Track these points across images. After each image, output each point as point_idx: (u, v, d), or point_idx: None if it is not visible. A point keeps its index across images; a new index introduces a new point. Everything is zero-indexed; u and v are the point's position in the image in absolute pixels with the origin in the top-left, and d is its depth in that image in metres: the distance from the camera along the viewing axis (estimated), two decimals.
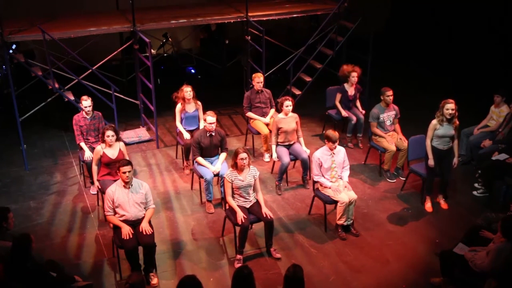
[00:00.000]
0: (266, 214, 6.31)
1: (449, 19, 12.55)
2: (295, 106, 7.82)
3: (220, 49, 12.25)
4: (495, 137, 7.92)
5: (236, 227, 6.35)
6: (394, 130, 8.14)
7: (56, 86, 8.34)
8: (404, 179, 7.91)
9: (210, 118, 7.09)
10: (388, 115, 8.02)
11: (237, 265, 6.17)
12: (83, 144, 7.54)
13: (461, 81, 11.24)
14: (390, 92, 7.93)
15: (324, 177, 6.79)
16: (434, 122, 7.06)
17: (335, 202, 6.72)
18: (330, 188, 6.74)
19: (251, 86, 8.83)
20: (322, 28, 9.91)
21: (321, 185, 6.86)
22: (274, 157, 7.76)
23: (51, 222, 7.10)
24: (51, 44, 8.14)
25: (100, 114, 7.76)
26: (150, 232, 5.95)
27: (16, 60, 8.81)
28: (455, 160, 7.21)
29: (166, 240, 6.73)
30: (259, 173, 6.52)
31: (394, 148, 7.88)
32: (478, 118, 8.41)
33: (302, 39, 10.12)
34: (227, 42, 12.19)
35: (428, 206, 7.35)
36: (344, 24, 9.94)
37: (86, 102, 7.48)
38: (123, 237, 5.83)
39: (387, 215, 7.23)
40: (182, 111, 8.04)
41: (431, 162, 7.12)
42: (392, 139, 7.97)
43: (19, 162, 8.52)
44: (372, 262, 6.36)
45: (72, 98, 8.45)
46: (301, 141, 7.82)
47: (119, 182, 6.02)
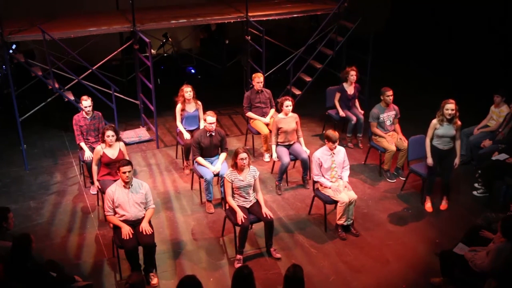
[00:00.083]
0: (266, 214, 6.31)
1: (449, 19, 12.55)
2: (295, 106, 7.82)
3: (220, 49, 12.25)
4: (495, 137, 7.92)
5: (236, 227, 6.34)
6: (394, 130, 8.14)
7: (56, 86, 8.34)
8: (404, 179, 7.91)
9: (210, 118, 7.08)
10: (388, 115, 8.02)
11: (237, 265, 6.16)
12: (83, 144, 7.54)
13: (461, 81, 11.23)
14: (390, 92, 7.93)
15: (324, 177, 6.79)
16: (435, 122, 7.07)
17: (335, 202, 6.71)
18: (330, 188, 6.73)
19: (251, 86, 8.82)
20: (322, 28, 9.90)
21: (321, 185, 6.86)
22: (274, 157, 7.76)
23: (51, 222, 7.10)
24: (51, 44, 8.13)
25: (100, 114, 7.76)
26: (150, 232, 5.95)
27: (16, 60, 8.81)
28: (456, 161, 7.20)
29: (166, 240, 6.73)
30: (259, 173, 6.52)
31: (394, 148, 7.88)
32: (478, 118, 8.41)
33: (302, 39, 10.11)
34: (227, 42, 12.20)
35: (428, 206, 7.35)
36: (344, 24, 9.94)
37: (86, 102, 7.48)
38: (123, 237, 5.83)
39: (387, 215, 7.23)
40: (182, 111, 8.05)
41: (429, 161, 7.13)
42: (392, 139, 7.97)
43: (19, 162, 8.52)
44: (372, 262, 6.35)
45: (72, 98, 8.45)
46: (301, 141, 7.82)
47: (119, 182, 6.02)
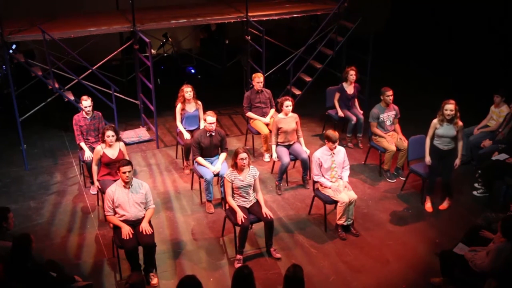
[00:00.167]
0: (266, 214, 6.31)
1: (449, 19, 12.55)
2: (295, 106, 7.82)
3: (220, 49, 12.25)
4: (495, 137, 7.92)
5: (236, 227, 6.34)
6: (394, 130, 8.14)
7: (56, 86, 8.34)
8: (404, 179, 7.91)
9: (210, 118, 7.08)
10: (388, 115, 8.02)
11: (237, 265, 6.16)
12: (83, 144, 7.53)
13: (461, 81, 11.24)
14: (390, 92, 7.93)
15: (324, 177, 6.79)
16: (435, 121, 7.08)
17: (335, 202, 6.71)
18: (330, 188, 6.73)
19: (251, 86, 8.82)
20: (322, 28, 9.90)
21: (321, 185, 6.86)
22: (274, 157, 7.76)
23: (51, 222, 7.10)
24: (51, 44, 8.13)
25: (100, 114, 7.76)
26: (150, 232, 5.95)
27: (16, 60, 8.82)
28: (457, 161, 7.19)
29: (166, 240, 6.73)
30: (259, 173, 6.52)
31: (394, 148, 7.88)
32: (478, 118, 8.41)
33: (302, 39, 10.11)
34: (227, 42, 12.19)
35: (428, 206, 7.35)
36: (344, 24, 9.93)
37: (86, 102, 7.48)
38: (123, 237, 5.83)
39: (387, 215, 7.23)
40: (182, 111, 8.04)
41: (427, 159, 7.14)
42: (392, 139, 7.97)
43: (19, 162, 8.52)
44: (372, 262, 6.35)
45: (72, 98, 8.45)
46: (301, 141, 7.82)
47: (119, 182, 6.02)
